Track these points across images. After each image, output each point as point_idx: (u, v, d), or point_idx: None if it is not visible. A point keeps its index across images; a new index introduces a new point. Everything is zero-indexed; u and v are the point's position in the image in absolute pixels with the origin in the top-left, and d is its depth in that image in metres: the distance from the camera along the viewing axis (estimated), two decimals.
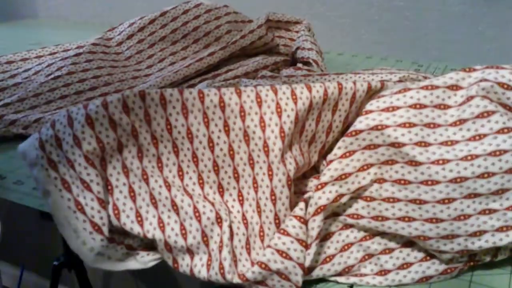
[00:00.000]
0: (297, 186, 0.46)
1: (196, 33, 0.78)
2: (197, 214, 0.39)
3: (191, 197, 0.40)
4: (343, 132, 0.45)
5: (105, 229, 0.38)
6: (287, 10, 0.99)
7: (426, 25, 0.91)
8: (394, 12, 0.92)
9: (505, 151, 0.38)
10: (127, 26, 0.77)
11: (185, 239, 0.39)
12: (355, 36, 0.98)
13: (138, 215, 0.39)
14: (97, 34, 0.79)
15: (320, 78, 0.65)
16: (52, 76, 0.67)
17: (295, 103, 0.42)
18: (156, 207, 0.40)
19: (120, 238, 0.40)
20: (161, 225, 0.39)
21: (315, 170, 0.47)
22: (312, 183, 0.46)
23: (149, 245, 0.42)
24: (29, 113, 0.62)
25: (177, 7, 0.77)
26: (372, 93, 0.45)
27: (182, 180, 0.41)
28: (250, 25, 0.76)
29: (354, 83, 0.44)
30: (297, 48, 0.76)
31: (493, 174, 0.38)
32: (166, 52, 0.76)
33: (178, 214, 0.39)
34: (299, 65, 0.73)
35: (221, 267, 0.38)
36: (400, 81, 0.60)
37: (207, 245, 0.39)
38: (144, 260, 0.41)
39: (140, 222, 0.39)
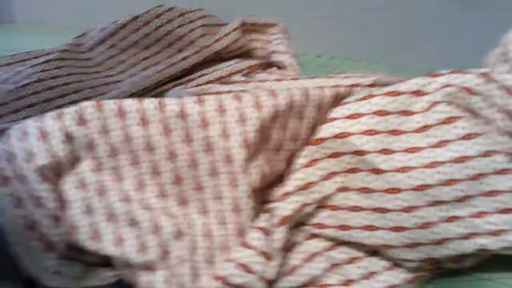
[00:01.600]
0: (264, 195, 0.45)
1: (170, 37, 0.76)
2: (156, 229, 0.38)
3: (151, 211, 0.39)
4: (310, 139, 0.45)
5: (60, 247, 0.37)
6: (265, 12, 0.98)
7: (403, 26, 0.90)
8: (371, 14, 0.92)
9: (470, 158, 0.38)
10: (98, 32, 0.76)
11: (144, 255, 0.38)
12: (333, 37, 0.97)
13: (94, 231, 0.38)
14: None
15: (293, 82, 0.64)
16: (20, 84, 0.65)
17: (259, 111, 0.41)
18: (114, 223, 0.39)
19: (78, 255, 0.39)
20: (119, 242, 0.38)
21: (282, 179, 0.46)
22: (279, 192, 0.45)
23: (110, 260, 0.41)
24: None
25: (149, 11, 0.76)
26: (339, 98, 0.44)
27: (142, 193, 0.40)
28: (225, 28, 0.75)
29: (321, 89, 0.43)
30: (272, 52, 0.75)
31: (458, 181, 0.38)
32: (138, 57, 0.75)
33: (137, 229, 0.38)
34: (273, 68, 0.73)
35: (181, 284, 0.37)
36: (372, 84, 0.60)
37: (167, 260, 0.38)
38: (104, 276, 0.40)
39: (97, 239, 0.38)
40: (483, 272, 0.41)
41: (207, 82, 0.68)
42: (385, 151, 0.39)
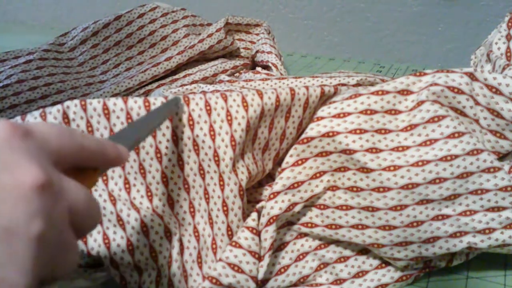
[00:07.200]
0: (252, 195, 0.44)
1: (153, 37, 0.76)
2: (144, 229, 0.38)
3: (138, 211, 0.38)
4: (297, 139, 0.45)
5: None
6: (249, 13, 0.98)
7: (387, 26, 0.91)
8: (355, 14, 0.92)
9: (456, 156, 0.38)
10: (80, 31, 0.75)
11: (132, 255, 0.38)
12: (318, 38, 0.98)
13: None
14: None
15: (278, 82, 0.64)
16: (0, 84, 0.64)
17: (246, 110, 0.41)
18: (100, 223, 0.38)
19: None
20: (106, 242, 0.38)
21: (271, 178, 0.46)
22: (267, 191, 0.44)
23: (97, 261, 0.40)
24: None
25: (132, 11, 0.75)
26: (325, 98, 0.44)
27: (129, 193, 0.39)
28: (209, 28, 0.75)
29: (307, 88, 0.43)
30: (257, 52, 0.75)
31: (445, 179, 0.38)
32: (121, 57, 0.74)
33: (124, 229, 0.38)
34: (258, 68, 0.72)
35: (170, 284, 0.37)
36: (357, 84, 0.60)
37: (155, 260, 0.38)
38: (92, 277, 0.39)
39: (84, 239, 0.38)
40: (473, 270, 0.41)
41: (192, 82, 0.68)
42: (373, 150, 0.39)
